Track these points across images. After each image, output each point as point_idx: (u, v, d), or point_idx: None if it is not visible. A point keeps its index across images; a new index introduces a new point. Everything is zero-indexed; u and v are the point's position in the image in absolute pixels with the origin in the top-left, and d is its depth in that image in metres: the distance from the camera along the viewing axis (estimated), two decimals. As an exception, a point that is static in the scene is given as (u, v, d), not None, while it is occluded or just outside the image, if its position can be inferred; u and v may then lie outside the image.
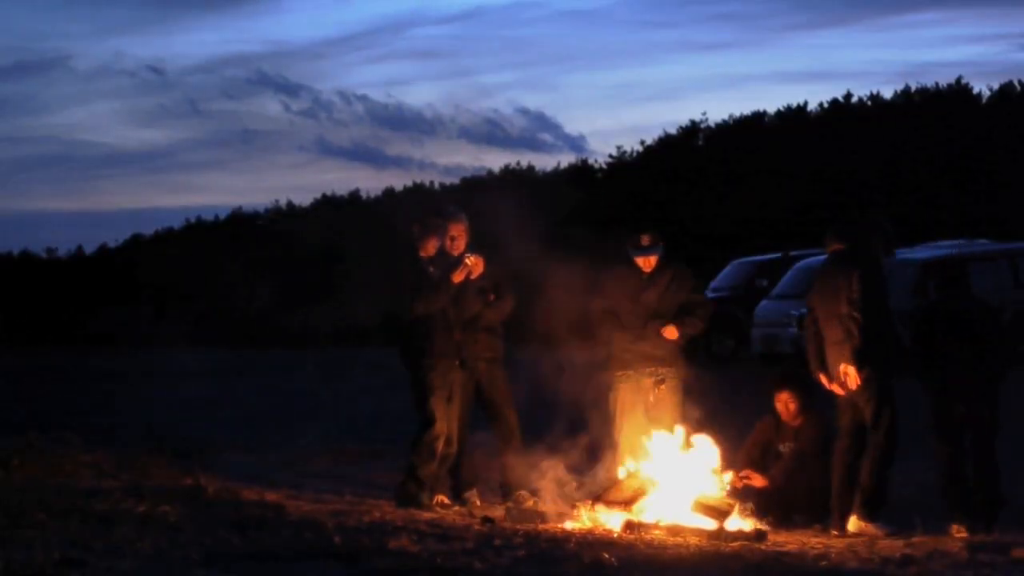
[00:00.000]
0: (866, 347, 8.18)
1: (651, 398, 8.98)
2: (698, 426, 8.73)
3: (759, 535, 7.81)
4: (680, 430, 8.65)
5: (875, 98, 40.93)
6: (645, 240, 9.08)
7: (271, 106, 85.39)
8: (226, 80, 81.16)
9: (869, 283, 8.26)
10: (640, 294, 9.06)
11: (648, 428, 8.78)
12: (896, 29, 67.05)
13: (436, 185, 50.31)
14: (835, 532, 8.17)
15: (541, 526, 8.10)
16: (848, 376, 8.19)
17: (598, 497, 8.45)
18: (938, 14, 67.32)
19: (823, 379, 8.41)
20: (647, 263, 9.09)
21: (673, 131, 44.13)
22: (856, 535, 8.02)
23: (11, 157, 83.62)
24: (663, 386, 9.00)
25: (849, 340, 8.18)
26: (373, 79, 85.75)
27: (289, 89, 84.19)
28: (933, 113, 37.50)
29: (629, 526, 7.90)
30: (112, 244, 59.15)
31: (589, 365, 9.25)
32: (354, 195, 53.35)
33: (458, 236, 9.29)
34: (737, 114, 43.56)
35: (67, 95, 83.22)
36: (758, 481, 8.67)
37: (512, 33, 76.89)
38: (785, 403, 8.89)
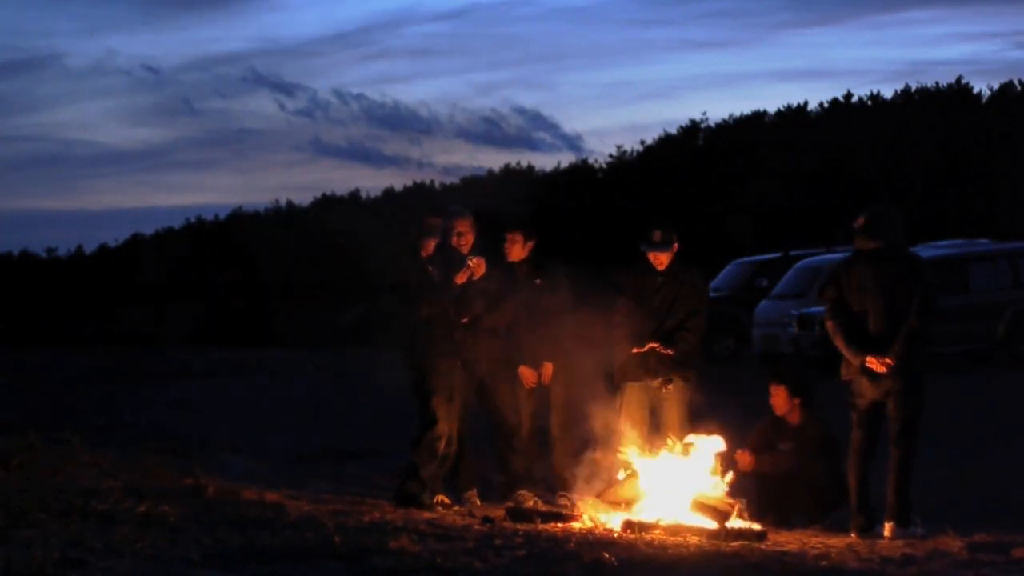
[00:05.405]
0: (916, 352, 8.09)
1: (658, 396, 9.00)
2: (703, 426, 8.73)
3: (759, 535, 7.81)
4: (684, 430, 8.66)
5: (875, 97, 40.97)
6: (656, 235, 9.08)
7: (266, 105, 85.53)
8: (220, 79, 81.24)
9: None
10: (654, 295, 9.05)
11: (652, 428, 8.79)
12: (893, 27, 67.26)
13: (436, 185, 50.39)
14: (854, 534, 8.09)
15: (541, 526, 8.10)
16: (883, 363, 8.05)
17: (599, 496, 8.45)
18: (935, 12, 67.54)
19: (873, 361, 8.08)
20: (658, 259, 9.08)
21: (672, 130, 44.26)
22: (891, 539, 7.94)
23: (3, 156, 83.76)
24: (670, 387, 9.00)
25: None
26: (368, 77, 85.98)
27: (284, 88, 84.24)
28: (933, 112, 37.50)
29: (629, 526, 7.90)
30: (112, 244, 59.27)
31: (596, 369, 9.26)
32: (354, 195, 53.43)
33: (465, 232, 9.25)
34: (737, 113, 43.70)
35: (60, 93, 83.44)
36: (746, 461, 8.63)
37: (506, 31, 77.00)
38: (773, 396, 8.90)
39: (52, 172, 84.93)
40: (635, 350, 8.98)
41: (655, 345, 8.95)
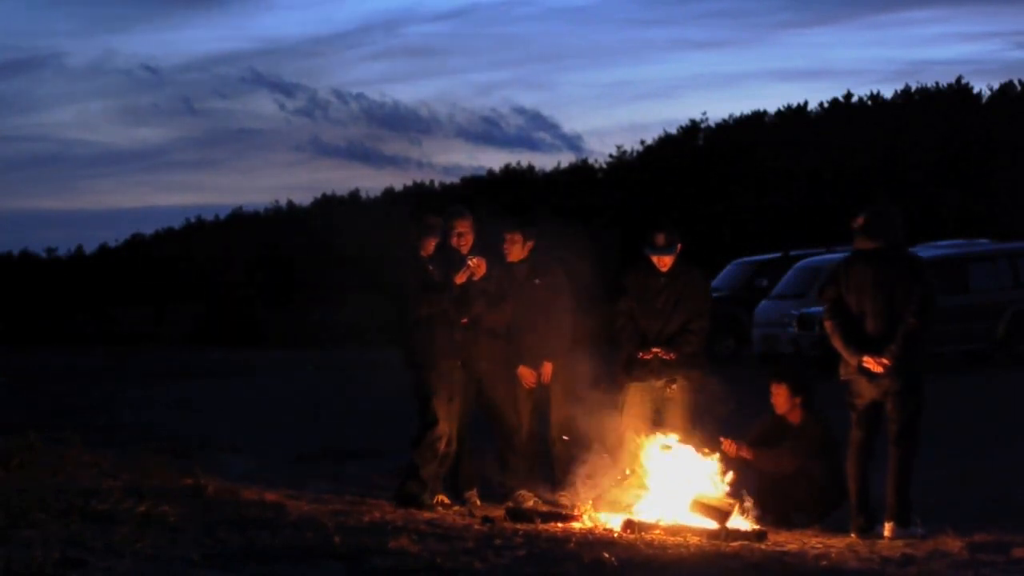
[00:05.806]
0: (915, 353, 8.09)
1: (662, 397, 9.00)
2: (706, 426, 8.73)
3: (759, 535, 7.81)
4: (688, 430, 8.66)
5: (875, 97, 40.98)
6: (660, 239, 9.07)
7: (266, 105, 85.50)
8: (219, 78, 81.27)
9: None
10: (657, 296, 9.04)
11: (655, 427, 8.79)
12: (893, 27, 67.35)
13: (436, 184, 50.41)
14: (854, 534, 8.09)
15: (541, 526, 8.10)
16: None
17: (600, 496, 8.45)
18: (935, 12, 67.61)
19: (869, 361, 8.07)
20: (662, 261, 9.07)
21: (672, 130, 44.28)
22: (891, 539, 7.94)
23: (3, 156, 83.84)
24: (674, 387, 8.99)
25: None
26: (367, 77, 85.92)
27: (284, 88, 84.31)
28: (933, 112, 37.50)
29: (629, 526, 7.90)
30: (112, 244, 59.25)
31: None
32: (354, 194, 53.43)
33: (464, 232, 9.26)
34: (737, 113, 43.72)
35: (60, 94, 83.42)
36: (730, 448, 8.62)
37: (506, 31, 77.05)
38: (774, 395, 8.90)
39: (52, 172, 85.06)
40: (640, 355, 8.97)
41: (658, 350, 8.94)
